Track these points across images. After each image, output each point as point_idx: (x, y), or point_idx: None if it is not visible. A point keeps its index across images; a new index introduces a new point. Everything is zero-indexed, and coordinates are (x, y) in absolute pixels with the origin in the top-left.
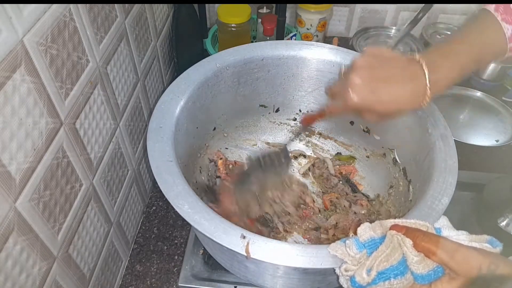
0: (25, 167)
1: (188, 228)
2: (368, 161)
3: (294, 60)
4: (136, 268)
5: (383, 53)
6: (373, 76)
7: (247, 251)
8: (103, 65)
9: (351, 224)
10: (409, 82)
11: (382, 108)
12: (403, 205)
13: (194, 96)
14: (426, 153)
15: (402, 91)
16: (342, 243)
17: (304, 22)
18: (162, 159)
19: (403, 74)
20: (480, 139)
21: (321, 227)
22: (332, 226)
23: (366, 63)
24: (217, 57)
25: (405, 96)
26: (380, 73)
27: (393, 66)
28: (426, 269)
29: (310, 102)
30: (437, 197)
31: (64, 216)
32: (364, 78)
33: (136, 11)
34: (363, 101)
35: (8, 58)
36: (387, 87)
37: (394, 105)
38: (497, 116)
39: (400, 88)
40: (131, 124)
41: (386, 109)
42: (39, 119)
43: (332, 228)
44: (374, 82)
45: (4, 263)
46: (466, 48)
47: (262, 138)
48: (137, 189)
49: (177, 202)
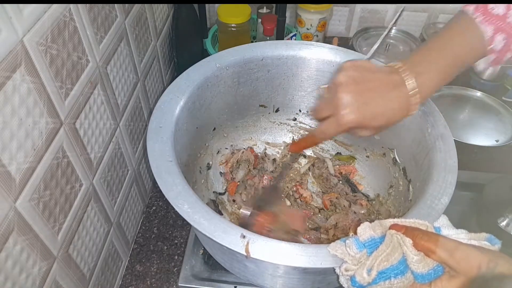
0: (25, 167)
1: (188, 228)
2: (368, 161)
3: (294, 60)
4: (136, 268)
5: (362, 65)
6: (360, 90)
7: (247, 251)
8: (103, 65)
9: (351, 224)
10: (393, 91)
11: (374, 122)
12: (403, 205)
13: (194, 96)
14: (426, 153)
15: (390, 102)
16: (342, 242)
17: (304, 22)
18: (162, 159)
19: (387, 85)
20: (480, 139)
21: (321, 227)
22: (332, 226)
23: (349, 78)
24: (217, 57)
25: (394, 107)
26: (366, 86)
27: (376, 78)
28: (426, 268)
29: (310, 102)
30: (437, 197)
31: (64, 216)
32: (353, 94)
33: (136, 11)
34: (356, 119)
35: (8, 58)
36: (376, 98)
37: (386, 117)
38: (497, 116)
39: (387, 99)
40: (131, 124)
41: (379, 122)
42: (39, 119)
43: (332, 228)
44: (363, 95)
45: (4, 263)
46: (447, 53)
47: (262, 138)
48: (137, 189)
49: (177, 202)
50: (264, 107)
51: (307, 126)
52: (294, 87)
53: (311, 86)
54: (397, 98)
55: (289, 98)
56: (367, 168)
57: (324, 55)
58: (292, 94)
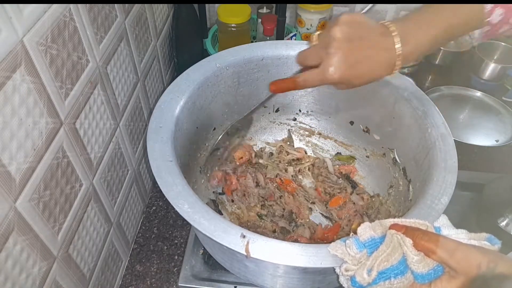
0: (25, 167)
1: (188, 228)
2: (368, 161)
3: (294, 60)
4: (136, 268)
5: (359, 21)
6: (352, 48)
7: (247, 250)
8: (103, 65)
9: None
10: (383, 53)
11: (358, 81)
12: (402, 205)
13: (194, 96)
14: (426, 153)
15: (377, 64)
16: (342, 242)
17: (304, 22)
18: (162, 159)
19: (378, 46)
20: (480, 139)
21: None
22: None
23: (343, 34)
24: (217, 57)
25: (379, 68)
26: (358, 45)
27: (369, 38)
28: (426, 268)
29: (310, 102)
30: (437, 197)
31: (64, 216)
32: (344, 51)
33: (136, 11)
34: (342, 77)
35: (8, 58)
36: (364, 61)
37: (368, 77)
38: (497, 116)
39: (375, 61)
40: (131, 124)
41: (361, 82)
42: (39, 119)
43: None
44: (354, 54)
45: (4, 263)
46: (440, 19)
47: (262, 138)
48: (137, 189)
49: (177, 202)
50: (264, 107)
51: (307, 126)
52: None
53: None
54: (385, 60)
55: (289, 98)
56: (367, 168)
57: None
58: (292, 94)
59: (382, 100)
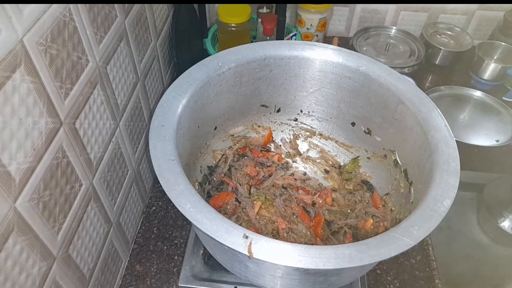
0: (25, 167)
1: (188, 228)
2: (369, 162)
3: (296, 60)
4: (136, 268)
5: None
6: None
7: (250, 251)
8: (103, 65)
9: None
10: None
11: None
12: (403, 207)
13: (196, 95)
14: (428, 155)
15: None
16: None
17: (304, 22)
18: (164, 157)
19: None
20: (480, 139)
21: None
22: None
23: None
24: (220, 56)
25: None
26: None
27: None
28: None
29: (311, 103)
30: (439, 199)
31: (64, 216)
32: None
33: (136, 11)
34: None
35: (8, 58)
36: None
37: None
38: (497, 116)
39: None
40: (131, 124)
41: None
42: (38, 119)
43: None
44: None
45: (4, 263)
46: None
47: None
48: (137, 189)
49: (179, 201)
50: (266, 107)
51: (308, 127)
52: (296, 87)
53: (313, 87)
54: None
55: (290, 98)
56: (368, 169)
57: (328, 56)
58: (294, 94)
59: (384, 102)
